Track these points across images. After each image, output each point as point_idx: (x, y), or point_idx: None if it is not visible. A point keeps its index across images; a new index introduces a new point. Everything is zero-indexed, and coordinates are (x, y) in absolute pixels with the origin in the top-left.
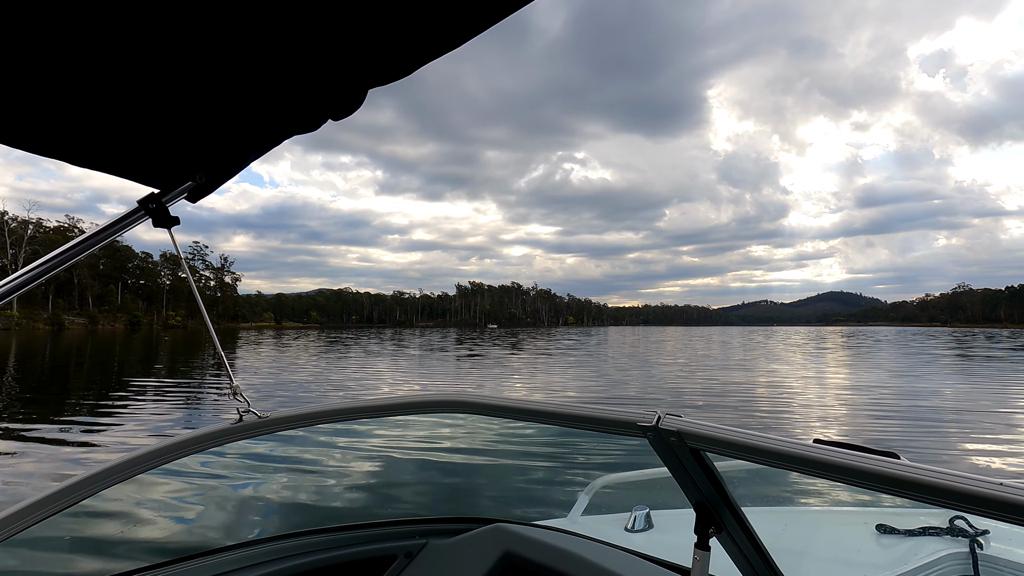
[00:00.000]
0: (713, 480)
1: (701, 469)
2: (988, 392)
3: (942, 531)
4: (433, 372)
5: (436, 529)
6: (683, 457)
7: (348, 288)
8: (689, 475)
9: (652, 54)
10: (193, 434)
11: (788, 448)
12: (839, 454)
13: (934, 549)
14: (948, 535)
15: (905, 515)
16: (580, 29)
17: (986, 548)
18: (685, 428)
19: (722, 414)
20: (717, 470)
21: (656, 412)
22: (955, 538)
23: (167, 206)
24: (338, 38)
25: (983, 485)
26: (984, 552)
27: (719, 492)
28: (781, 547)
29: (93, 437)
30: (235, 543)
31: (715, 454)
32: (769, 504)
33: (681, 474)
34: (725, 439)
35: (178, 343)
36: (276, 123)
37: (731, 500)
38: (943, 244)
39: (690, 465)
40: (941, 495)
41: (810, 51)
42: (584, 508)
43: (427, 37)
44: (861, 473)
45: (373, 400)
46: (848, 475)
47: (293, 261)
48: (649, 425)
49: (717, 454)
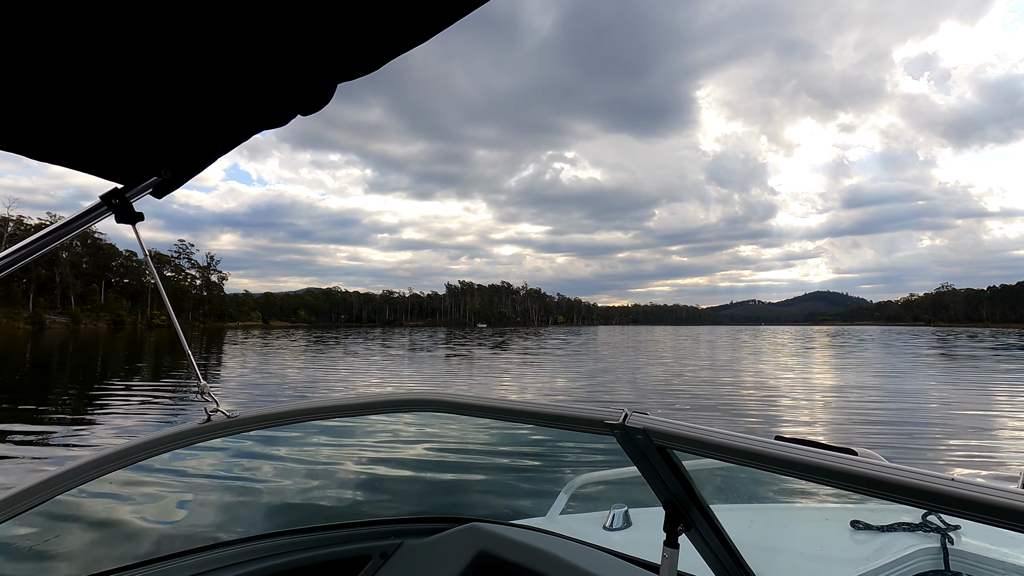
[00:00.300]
0: (681, 478)
1: (668, 467)
2: (963, 389)
3: (915, 527)
4: (407, 373)
5: (411, 529)
6: (650, 455)
7: (337, 287)
8: (657, 473)
9: (642, 55)
10: (159, 435)
11: (750, 445)
12: (798, 451)
13: (907, 544)
14: (921, 530)
15: (880, 511)
16: (570, 29)
17: (957, 543)
18: (651, 426)
19: (700, 413)
20: (684, 468)
21: (623, 410)
22: (927, 533)
23: (131, 202)
24: (306, 32)
25: (934, 480)
26: (955, 547)
27: (687, 490)
28: (755, 543)
29: (64, 438)
30: (207, 544)
31: (682, 452)
32: (748, 501)
33: (649, 472)
34: (689, 436)
35: (162, 343)
36: (244, 118)
37: (699, 498)
38: (927, 244)
39: (657, 463)
40: (892, 490)
41: (798, 53)
42: (563, 507)
43: (395, 31)
44: (817, 469)
45: (344, 399)
46: (806, 471)
47: (281, 260)
48: (616, 423)
49: (683, 452)
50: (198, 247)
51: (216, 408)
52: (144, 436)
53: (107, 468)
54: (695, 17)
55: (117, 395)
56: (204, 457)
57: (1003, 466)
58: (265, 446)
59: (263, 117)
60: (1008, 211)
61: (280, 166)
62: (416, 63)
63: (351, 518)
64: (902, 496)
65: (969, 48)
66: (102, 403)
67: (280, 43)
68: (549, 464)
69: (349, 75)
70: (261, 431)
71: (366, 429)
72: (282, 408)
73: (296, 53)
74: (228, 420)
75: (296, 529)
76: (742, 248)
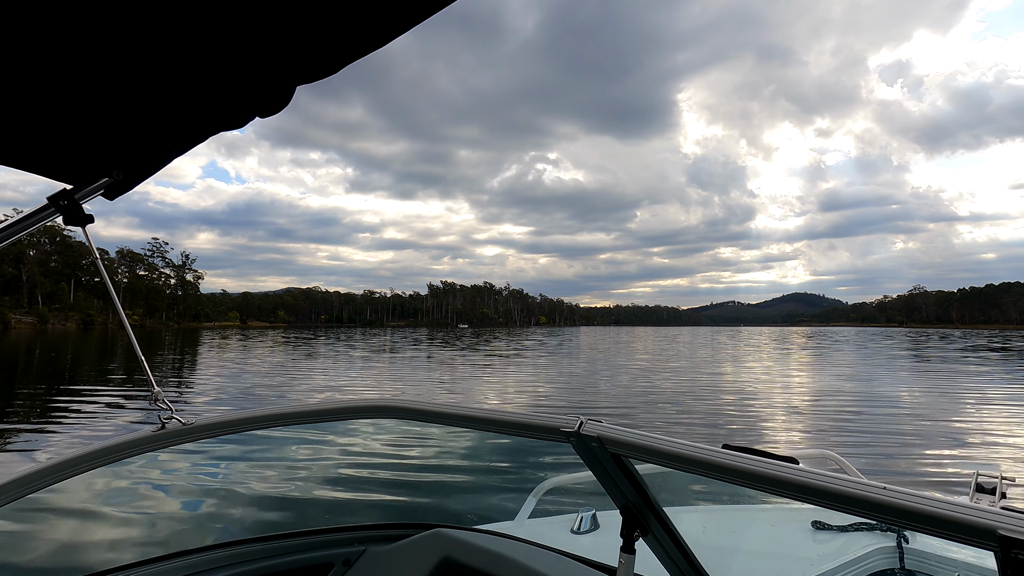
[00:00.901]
0: (636, 484)
1: (623, 474)
2: (932, 389)
3: (873, 526)
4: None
5: (375, 536)
6: (605, 462)
7: (317, 287)
8: (613, 480)
9: (623, 57)
10: (109, 443)
11: (697, 453)
12: (742, 459)
13: (865, 543)
14: (878, 530)
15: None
16: (552, 30)
17: (912, 542)
18: (605, 434)
19: (659, 416)
20: (639, 475)
21: (579, 418)
22: (885, 533)
23: (81, 203)
24: (263, 33)
25: (866, 489)
26: (910, 546)
27: (642, 496)
28: (716, 545)
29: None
30: (163, 555)
31: (635, 459)
32: (720, 503)
33: (605, 479)
34: (640, 444)
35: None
36: (199, 119)
37: (654, 503)
38: (900, 248)
39: (612, 470)
40: (827, 497)
41: (776, 58)
42: (531, 511)
43: (354, 33)
44: (759, 477)
45: (303, 406)
46: (748, 479)
47: (261, 259)
48: (571, 431)
49: (634, 459)
50: (174, 245)
51: (171, 415)
52: (91, 446)
53: (45, 482)
54: (676, 20)
55: (75, 400)
56: (160, 465)
57: (960, 471)
58: (225, 454)
59: (219, 119)
60: (977, 216)
61: (259, 164)
62: (397, 62)
63: (314, 526)
64: (836, 504)
65: (941, 56)
66: (55, 409)
67: (236, 43)
68: (518, 469)
69: (308, 77)
70: (220, 438)
71: (331, 436)
72: (240, 415)
73: (253, 54)
74: (183, 428)
75: (257, 537)
76: (722, 250)
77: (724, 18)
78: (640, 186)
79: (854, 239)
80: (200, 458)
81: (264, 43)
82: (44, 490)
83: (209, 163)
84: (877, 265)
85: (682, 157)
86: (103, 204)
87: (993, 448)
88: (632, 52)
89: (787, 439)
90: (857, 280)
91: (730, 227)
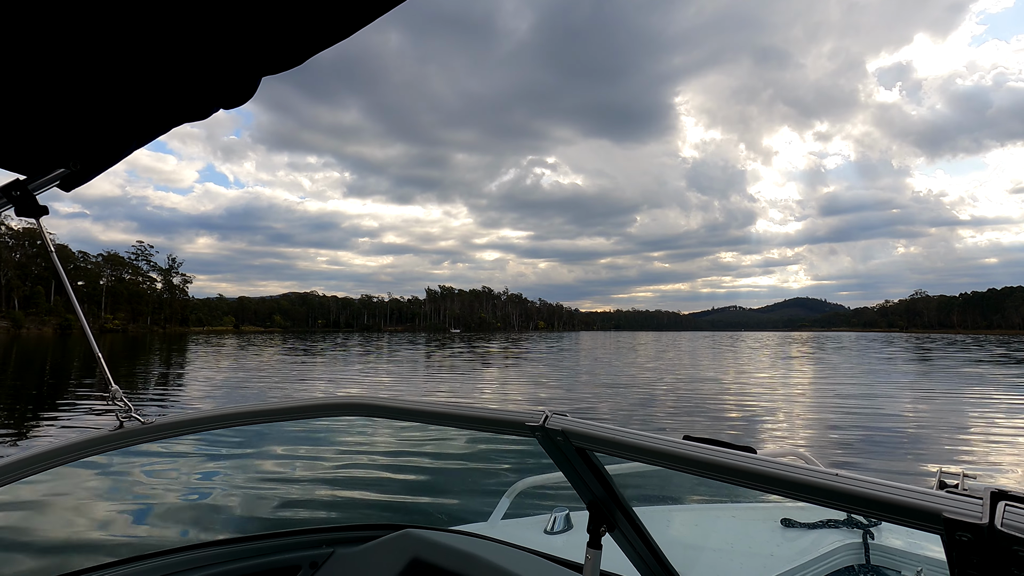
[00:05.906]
0: (602, 479)
1: (589, 468)
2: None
3: (840, 523)
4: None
5: (344, 537)
6: (571, 456)
7: (315, 292)
8: (579, 474)
9: (619, 60)
10: (63, 443)
11: (659, 445)
12: (703, 450)
13: (832, 540)
14: (845, 527)
15: (810, 509)
16: (547, 33)
17: (877, 538)
18: (569, 427)
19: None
20: (605, 469)
21: (544, 412)
22: (851, 529)
23: (35, 195)
24: (226, 21)
25: (818, 476)
26: (875, 542)
27: (608, 491)
28: (685, 543)
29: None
30: (123, 558)
31: (600, 453)
32: (691, 502)
33: (571, 474)
34: (603, 437)
35: (112, 348)
36: (160, 110)
37: (621, 499)
38: (901, 252)
39: (578, 464)
40: (780, 485)
41: (773, 61)
42: (505, 511)
43: (320, 24)
44: (718, 467)
45: (267, 404)
46: (708, 469)
47: (260, 264)
48: (536, 425)
49: (599, 452)
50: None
51: (129, 414)
52: (44, 446)
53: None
54: (670, 23)
55: (34, 404)
56: (120, 465)
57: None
58: (188, 453)
59: (181, 110)
60: (979, 220)
61: (257, 168)
62: (391, 65)
63: (281, 527)
64: (790, 491)
65: (940, 60)
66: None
67: (200, 32)
68: (491, 469)
69: (273, 68)
70: (183, 437)
71: (299, 435)
72: (202, 414)
73: (217, 43)
74: (143, 426)
75: (222, 540)
76: (723, 254)
77: (719, 20)
78: (639, 190)
79: (855, 243)
80: (162, 459)
81: (228, 32)
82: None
83: (207, 167)
84: (878, 270)
85: (681, 161)
86: (101, 207)
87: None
88: (627, 55)
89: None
90: (859, 285)
91: (730, 231)
